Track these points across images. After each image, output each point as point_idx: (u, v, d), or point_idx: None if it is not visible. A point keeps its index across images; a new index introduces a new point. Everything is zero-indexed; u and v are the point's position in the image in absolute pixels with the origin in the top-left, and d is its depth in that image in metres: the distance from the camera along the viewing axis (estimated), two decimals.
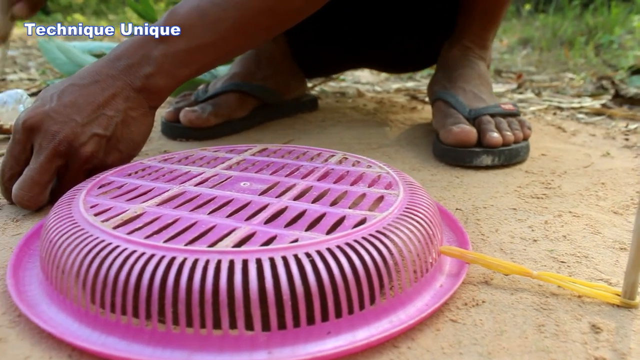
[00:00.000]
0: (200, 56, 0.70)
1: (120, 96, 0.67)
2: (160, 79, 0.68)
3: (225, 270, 0.38)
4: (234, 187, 0.54)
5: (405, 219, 0.47)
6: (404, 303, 0.43)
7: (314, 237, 0.42)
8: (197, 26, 0.68)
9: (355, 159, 0.64)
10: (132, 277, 0.38)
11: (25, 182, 0.62)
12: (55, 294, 0.43)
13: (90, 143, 0.64)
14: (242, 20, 0.69)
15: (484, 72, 0.99)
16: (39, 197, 0.63)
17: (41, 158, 0.62)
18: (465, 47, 1.02)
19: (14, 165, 0.64)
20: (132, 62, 0.68)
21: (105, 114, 0.65)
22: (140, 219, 0.46)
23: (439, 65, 1.06)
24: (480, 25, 1.02)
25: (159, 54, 0.68)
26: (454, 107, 0.91)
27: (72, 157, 0.64)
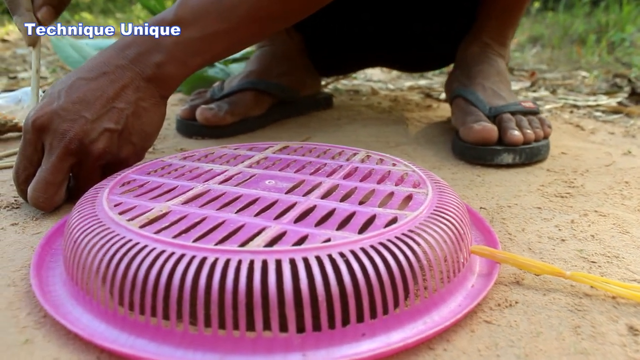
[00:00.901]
0: (212, 44, 0.68)
1: (130, 87, 0.65)
2: (171, 67, 0.66)
3: (258, 271, 0.37)
4: (259, 185, 0.53)
5: (437, 218, 0.46)
6: (437, 304, 0.42)
7: (347, 237, 0.41)
8: (210, 13, 0.66)
9: (379, 156, 0.63)
10: (162, 278, 0.37)
11: (39, 184, 0.61)
12: (81, 294, 0.42)
13: (102, 139, 0.62)
14: (256, 9, 0.67)
15: (503, 69, 0.98)
16: (54, 197, 0.62)
17: (53, 158, 0.61)
18: (484, 43, 1.01)
19: (27, 166, 0.63)
20: (142, 50, 0.66)
21: (115, 107, 0.63)
22: (167, 218, 0.45)
23: (457, 62, 1.05)
24: (500, 22, 1.01)
25: (170, 42, 0.66)
26: (474, 105, 0.90)
27: (84, 154, 0.62)
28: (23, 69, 2.04)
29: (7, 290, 0.47)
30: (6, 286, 0.47)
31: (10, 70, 1.97)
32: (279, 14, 0.71)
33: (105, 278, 0.40)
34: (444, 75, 1.86)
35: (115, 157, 0.65)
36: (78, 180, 0.65)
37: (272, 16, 0.70)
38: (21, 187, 0.64)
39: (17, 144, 0.95)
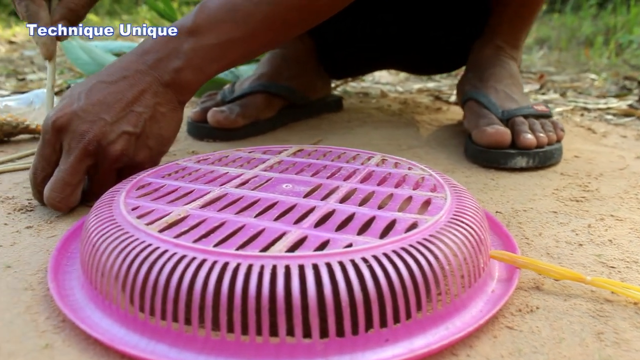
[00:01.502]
0: (229, 51, 0.68)
1: (149, 92, 0.65)
2: (189, 73, 0.67)
3: (281, 277, 0.36)
4: (276, 189, 0.53)
5: (457, 223, 0.46)
6: (458, 309, 0.42)
7: (368, 242, 0.40)
8: (227, 20, 0.67)
9: (395, 160, 0.63)
10: (184, 283, 0.37)
11: (56, 184, 0.61)
12: (100, 298, 0.42)
13: (120, 141, 0.63)
14: (273, 16, 0.68)
15: (515, 72, 0.98)
16: (70, 198, 0.62)
17: (71, 158, 0.61)
18: (497, 46, 1.00)
19: (45, 167, 0.63)
20: (161, 56, 0.66)
21: (134, 111, 0.64)
22: (185, 222, 0.44)
23: (469, 64, 1.05)
24: (513, 25, 1.00)
25: (188, 48, 0.66)
26: (486, 108, 0.89)
27: (101, 156, 0.62)
28: (31, 70, 2.04)
29: (24, 294, 0.46)
30: (23, 290, 0.47)
31: (18, 72, 1.97)
32: (295, 22, 0.71)
33: (126, 283, 0.40)
34: (452, 77, 1.85)
35: (132, 160, 0.65)
36: (93, 183, 0.65)
37: (287, 23, 0.71)
38: (38, 188, 0.64)
39: (29, 145, 0.95)
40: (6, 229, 0.60)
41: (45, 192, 0.62)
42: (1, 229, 0.60)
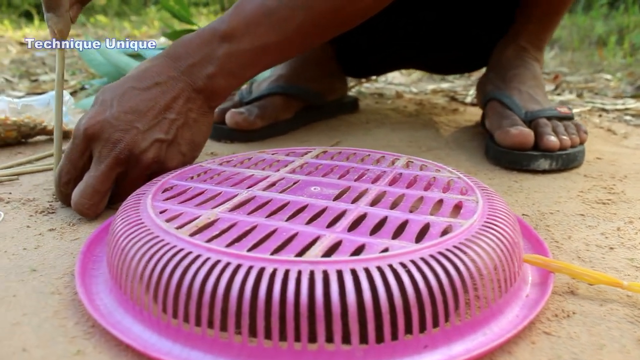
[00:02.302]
0: (263, 56, 0.68)
1: (181, 98, 0.65)
2: (222, 79, 0.66)
3: (319, 282, 0.36)
4: (304, 191, 0.52)
5: (491, 226, 0.45)
6: (495, 314, 0.41)
7: (405, 246, 0.40)
8: (262, 25, 0.66)
9: (421, 162, 0.62)
10: (219, 289, 0.36)
11: (86, 190, 0.61)
12: (130, 304, 0.42)
13: (152, 149, 0.63)
14: (308, 21, 0.67)
15: (538, 73, 0.97)
16: (99, 205, 0.62)
17: (102, 166, 0.61)
18: (521, 47, 0.99)
19: (71, 170, 0.63)
20: (194, 61, 0.66)
21: (166, 118, 0.64)
22: (216, 226, 0.44)
23: (492, 65, 1.04)
24: (539, 26, 0.99)
25: (222, 54, 0.65)
26: (509, 108, 0.89)
27: (133, 164, 0.62)
28: (44, 71, 2.04)
29: (51, 299, 0.46)
30: (50, 294, 0.47)
31: (31, 73, 1.97)
32: (329, 27, 0.71)
33: (158, 288, 0.39)
34: (465, 78, 1.84)
35: (163, 167, 0.65)
36: (120, 188, 0.65)
37: (322, 28, 0.70)
38: (60, 189, 0.64)
39: (46, 147, 0.95)
40: (29, 232, 0.59)
41: (73, 198, 0.62)
42: (24, 231, 0.60)
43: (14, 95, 1.48)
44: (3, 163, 0.85)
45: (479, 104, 1.06)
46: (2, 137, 0.93)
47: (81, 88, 1.59)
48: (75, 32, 4.52)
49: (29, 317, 0.43)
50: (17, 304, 0.45)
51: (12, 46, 3.11)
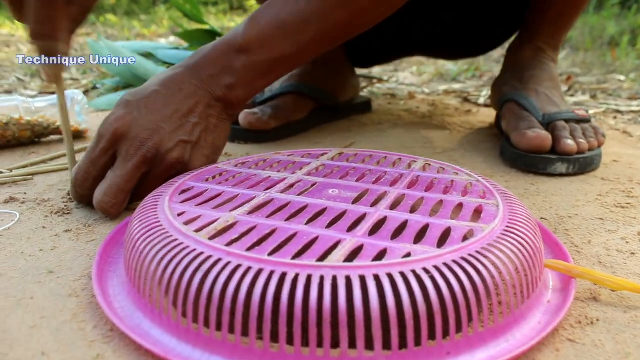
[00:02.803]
0: (278, 67, 0.70)
1: (202, 104, 0.67)
2: (240, 89, 0.68)
3: (342, 288, 0.35)
4: (322, 194, 0.52)
5: (513, 231, 0.44)
6: (517, 321, 0.41)
7: (427, 251, 0.39)
8: (277, 37, 0.68)
9: (439, 165, 0.61)
10: (241, 294, 0.36)
11: (111, 189, 0.61)
12: (149, 307, 0.41)
13: (177, 149, 0.64)
14: (322, 32, 0.69)
15: (555, 75, 0.96)
16: (122, 204, 0.62)
17: (129, 165, 0.61)
18: (537, 47, 0.98)
19: (90, 169, 0.63)
20: (214, 72, 0.68)
21: (190, 122, 0.65)
22: (235, 229, 0.43)
23: (508, 64, 1.03)
24: (555, 25, 0.98)
25: (240, 65, 0.68)
26: (527, 110, 0.88)
27: (158, 163, 0.63)
28: None
29: (69, 301, 0.46)
30: (68, 296, 0.46)
31: None
32: (341, 35, 0.72)
33: (178, 292, 0.38)
34: (476, 79, 1.83)
35: (187, 168, 0.66)
36: (140, 189, 0.65)
37: (334, 37, 0.72)
38: (77, 188, 0.65)
39: (60, 147, 0.95)
40: (45, 233, 0.59)
41: (96, 196, 0.62)
42: (40, 232, 0.59)
43: (27, 95, 1.48)
44: (17, 163, 0.85)
45: (494, 105, 1.05)
46: (16, 137, 0.93)
47: (93, 87, 1.59)
48: (85, 31, 4.54)
49: (47, 320, 0.43)
50: (34, 306, 0.45)
51: (23, 45, 3.12)
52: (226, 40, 0.69)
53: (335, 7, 0.68)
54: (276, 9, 0.69)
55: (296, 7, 0.68)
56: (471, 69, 1.96)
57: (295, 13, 0.68)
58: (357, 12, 0.69)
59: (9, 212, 0.65)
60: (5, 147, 0.94)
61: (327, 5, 0.68)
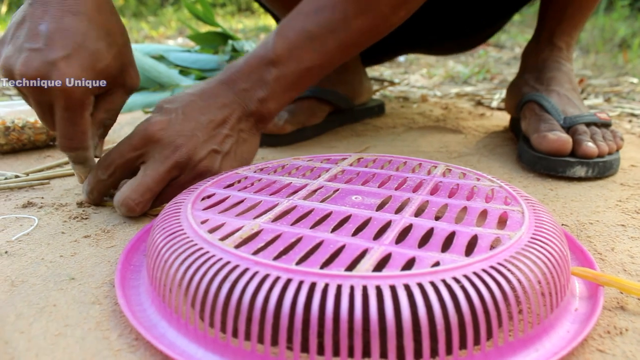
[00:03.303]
0: (306, 78, 0.72)
1: (234, 117, 0.69)
2: (272, 102, 0.70)
3: (373, 298, 0.35)
4: (345, 201, 0.51)
5: (540, 239, 0.44)
6: (547, 330, 0.40)
7: (456, 260, 0.39)
8: (305, 48, 0.69)
9: (460, 170, 0.61)
10: (270, 304, 0.36)
11: (139, 187, 0.62)
12: (174, 317, 0.41)
13: (208, 158, 0.65)
14: (346, 40, 0.70)
15: (573, 76, 0.96)
16: (147, 204, 0.64)
17: (162, 167, 0.63)
18: (556, 47, 0.98)
19: (116, 158, 0.65)
20: (247, 86, 0.69)
21: (222, 132, 0.67)
22: (260, 237, 0.43)
23: (526, 66, 1.02)
24: (572, 23, 0.97)
25: (271, 78, 0.69)
26: (548, 112, 0.87)
27: (188, 170, 0.65)
28: None
29: (92, 309, 0.45)
30: (91, 304, 0.46)
31: None
32: (365, 43, 0.74)
33: (205, 302, 0.38)
34: (487, 82, 1.83)
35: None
36: (164, 193, 0.65)
37: (359, 45, 0.73)
38: (97, 172, 0.66)
39: None
40: (64, 238, 0.59)
41: (123, 191, 0.63)
42: (60, 238, 0.59)
43: None
44: (33, 166, 0.85)
45: (511, 109, 1.04)
46: (31, 140, 0.93)
47: None
48: None
49: (71, 329, 0.42)
50: (58, 314, 0.45)
51: None
52: (256, 54, 0.70)
53: (358, 15, 0.69)
54: (301, 20, 0.70)
55: (321, 18, 0.69)
56: (482, 71, 1.95)
57: (320, 23, 0.69)
58: (378, 19, 0.71)
59: (27, 217, 0.65)
60: (21, 151, 0.94)
61: (350, 14, 0.69)
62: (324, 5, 0.70)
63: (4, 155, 0.92)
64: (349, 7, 0.69)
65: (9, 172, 0.79)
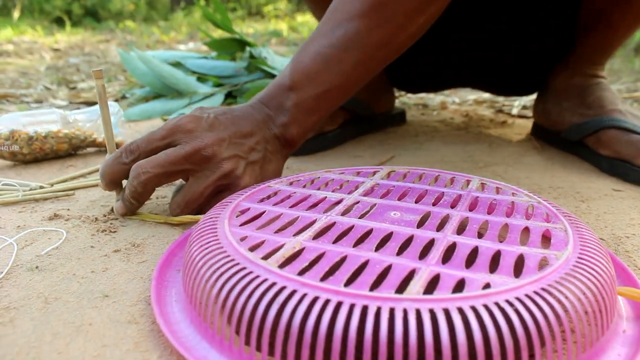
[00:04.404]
0: (326, 101, 0.72)
1: (260, 135, 0.70)
2: (293, 127, 0.71)
3: (427, 322, 0.34)
4: (384, 217, 0.50)
5: (588, 259, 0.43)
6: (598, 353, 0.39)
7: (507, 282, 0.38)
8: (321, 72, 0.70)
9: (495, 184, 0.60)
10: (321, 328, 0.35)
11: (192, 196, 0.65)
12: (216, 338, 0.40)
13: (233, 160, 0.66)
14: (363, 58, 0.70)
15: (613, 90, 0.95)
16: (187, 212, 0.66)
17: (208, 180, 0.65)
18: (587, 74, 0.97)
19: (143, 144, 0.66)
20: (270, 112, 0.71)
21: (247, 144, 0.68)
22: (304, 256, 0.42)
23: (559, 93, 1.01)
24: (604, 52, 0.97)
25: (291, 104, 0.71)
26: (633, 131, 0.86)
27: (212, 165, 0.65)
28: (80, 79, 2.04)
29: (130, 328, 0.44)
30: (127, 323, 0.45)
31: (69, 81, 1.97)
32: (383, 58, 0.73)
33: (252, 325, 0.37)
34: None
35: (236, 182, 0.67)
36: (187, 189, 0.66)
37: (377, 61, 0.73)
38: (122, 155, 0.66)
39: (96, 159, 0.94)
40: (94, 253, 0.58)
41: (178, 199, 0.66)
42: (89, 252, 0.59)
43: (57, 105, 1.48)
44: (56, 176, 0.85)
45: (566, 135, 0.98)
46: (54, 150, 0.92)
47: (122, 97, 1.58)
48: (104, 37, 4.56)
49: (110, 350, 0.42)
50: (94, 333, 0.44)
51: (45, 52, 3.13)
52: (276, 81, 0.72)
53: (371, 30, 0.69)
54: (316, 44, 0.71)
55: (334, 38, 0.69)
56: None
57: (334, 44, 0.69)
58: (395, 30, 0.70)
59: (55, 230, 0.64)
60: (44, 160, 0.94)
61: (363, 30, 0.69)
62: (338, 22, 0.70)
63: (27, 165, 0.92)
64: (361, 22, 0.69)
65: (33, 183, 0.78)
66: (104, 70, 2.30)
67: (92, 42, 4.13)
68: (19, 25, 5.42)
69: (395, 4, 0.68)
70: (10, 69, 2.41)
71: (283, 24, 5.44)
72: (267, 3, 6.61)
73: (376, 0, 0.68)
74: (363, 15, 0.68)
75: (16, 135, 0.89)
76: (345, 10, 0.70)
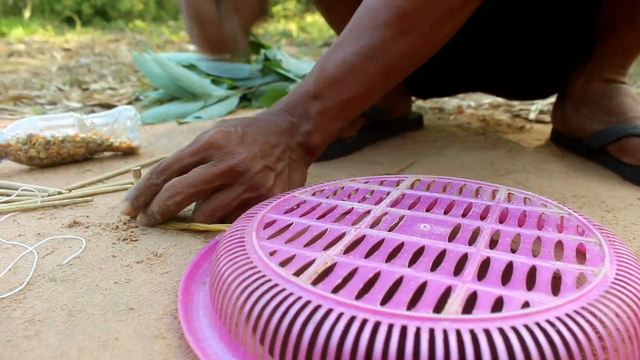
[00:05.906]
0: (350, 109, 0.73)
1: (284, 144, 0.70)
2: (316, 135, 0.72)
3: (469, 343, 0.33)
4: (414, 230, 0.49)
5: (626, 274, 0.42)
6: None
7: (546, 301, 0.37)
8: (346, 79, 0.70)
9: (523, 195, 0.59)
10: (360, 349, 0.34)
11: (220, 206, 0.65)
12: (249, 357, 0.39)
13: (263, 173, 0.66)
14: (387, 66, 0.70)
15: (635, 96, 0.94)
16: (214, 220, 0.66)
17: (238, 190, 0.65)
18: (607, 79, 0.96)
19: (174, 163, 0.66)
20: (295, 120, 0.72)
21: (275, 154, 0.68)
22: (336, 272, 0.41)
23: (580, 100, 0.99)
24: (625, 56, 0.96)
25: (315, 112, 0.71)
26: None
27: (245, 178, 0.66)
28: (92, 80, 2.04)
29: (157, 344, 0.44)
30: (154, 337, 0.44)
31: (81, 82, 1.97)
32: (407, 66, 0.73)
33: (287, 345, 0.36)
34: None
35: (266, 193, 0.67)
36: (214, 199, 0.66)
37: (401, 70, 0.73)
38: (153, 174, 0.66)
39: (113, 164, 0.94)
40: (116, 262, 0.58)
41: (205, 209, 0.65)
42: (111, 262, 0.58)
43: (71, 107, 1.47)
44: (73, 181, 0.84)
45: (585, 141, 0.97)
46: (70, 154, 0.92)
47: (136, 99, 1.58)
48: (114, 37, 4.56)
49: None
50: (121, 348, 0.43)
51: (56, 52, 3.13)
52: (300, 89, 0.72)
53: (397, 38, 0.68)
54: (340, 52, 0.70)
55: (359, 46, 0.69)
56: None
57: (359, 52, 0.69)
58: (420, 40, 0.70)
59: (75, 238, 0.63)
60: (60, 164, 0.93)
61: (388, 38, 0.68)
62: (364, 30, 0.69)
63: (44, 170, 0.91)
64: (387, 31, 0.68)
65: (51, 188, 0.78)
66: (115, 71, 2.30)
67: (102, 42, 4.13)
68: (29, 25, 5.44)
69: (421, 13, 0.67)
70: (22, 69, 2.41)
71: (292, 24, 5.43)
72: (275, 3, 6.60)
73: (402, 9, 0.67)
74: (389, 24, 0.68)
75: (34, 139, 0.88)
76: (371, 19, 0.69)
